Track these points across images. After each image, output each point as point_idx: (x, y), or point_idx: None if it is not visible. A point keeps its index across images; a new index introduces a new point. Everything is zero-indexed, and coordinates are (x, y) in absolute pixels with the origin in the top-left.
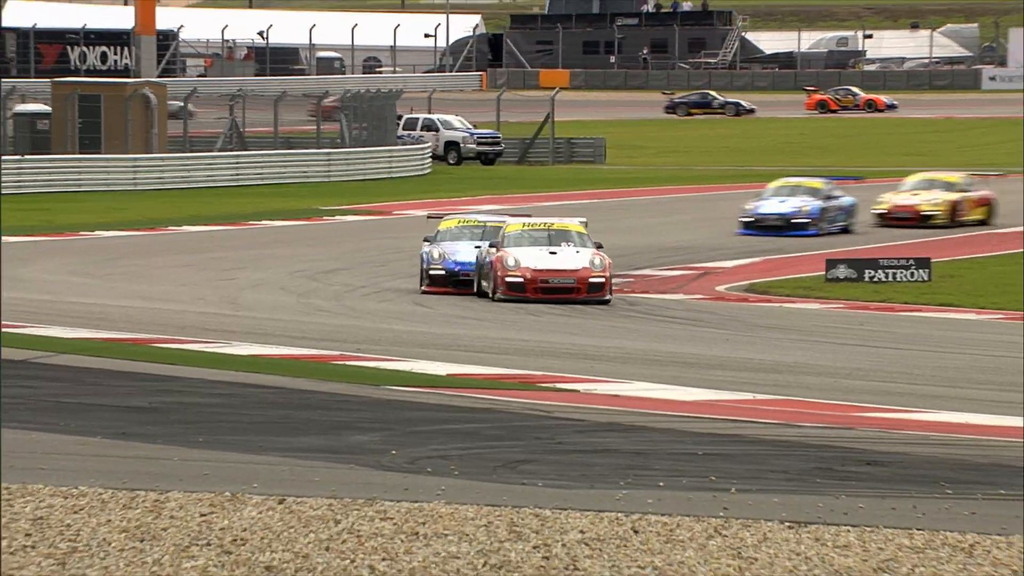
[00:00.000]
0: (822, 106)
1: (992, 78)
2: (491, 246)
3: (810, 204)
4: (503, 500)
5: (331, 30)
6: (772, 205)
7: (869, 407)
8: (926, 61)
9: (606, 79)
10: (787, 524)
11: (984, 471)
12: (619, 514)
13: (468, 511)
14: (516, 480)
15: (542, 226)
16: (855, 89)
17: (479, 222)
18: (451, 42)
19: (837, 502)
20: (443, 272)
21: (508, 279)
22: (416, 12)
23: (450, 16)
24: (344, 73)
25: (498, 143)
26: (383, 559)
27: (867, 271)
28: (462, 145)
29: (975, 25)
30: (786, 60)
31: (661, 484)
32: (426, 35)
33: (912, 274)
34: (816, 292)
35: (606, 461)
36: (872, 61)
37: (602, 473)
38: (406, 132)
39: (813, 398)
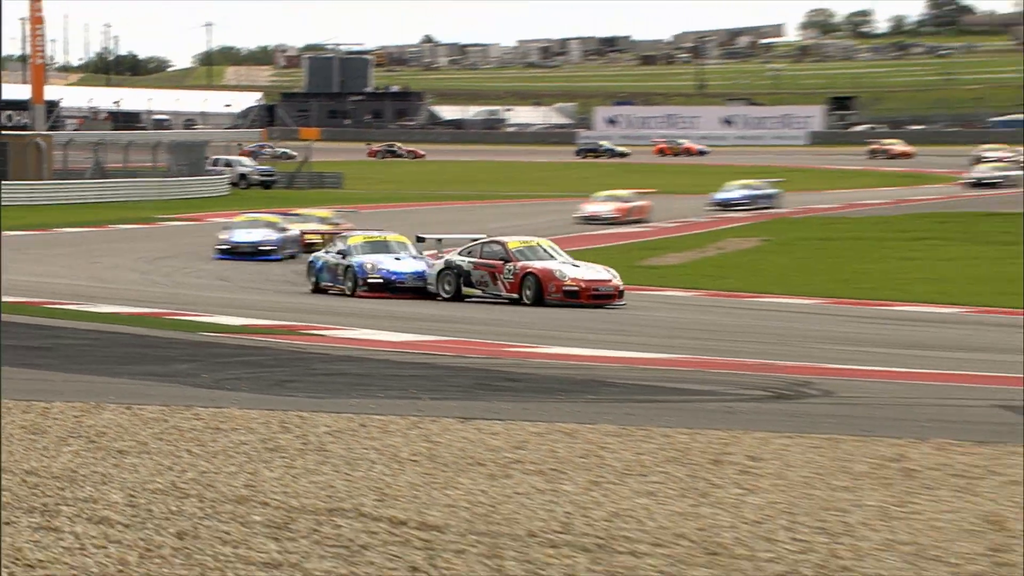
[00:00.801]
0: (662, 152)
1: (584, 138)
2: (502, 259)
3: (272, 235)
4: (276, 406)
5: (163, 101)
6: (243, 235)
7: (512, 344)
8: (544, 126)
9: (343, 135)
10: (459, 419)
11: (583, 384)
12: (351, 415)
13: (253, 414)
14: (285, 393)
15: (534, 243)
16: (681, 140)
17: (380, 237)
18: (242, 109)
19: (491, 405)
20: (381, 280)
21: (566, 288)
22: (219, 90)
23: (241, 93)
24: (171, 129)
25: (273, 175)
26: (197, 445)
27: None
28: (249, 176)
29: (574, 104)
30: (458, 124)
31: (380, 395)
32: (226, 105)
33: None
34: None
35: (343, 380)
36: (512, 125)
37: (340, 388)
38: (212, 167)
39: (476, 338)
